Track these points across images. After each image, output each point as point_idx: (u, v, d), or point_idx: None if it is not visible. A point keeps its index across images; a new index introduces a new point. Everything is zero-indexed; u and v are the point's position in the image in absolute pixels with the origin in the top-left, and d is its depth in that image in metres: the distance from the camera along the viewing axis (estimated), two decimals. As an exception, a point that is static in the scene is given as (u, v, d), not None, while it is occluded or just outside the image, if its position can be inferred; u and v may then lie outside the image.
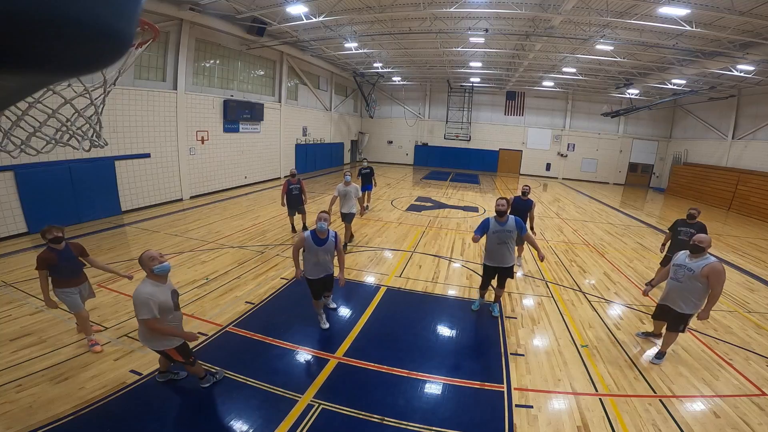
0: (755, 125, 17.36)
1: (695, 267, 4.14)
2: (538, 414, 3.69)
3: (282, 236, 8.96)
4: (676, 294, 4.33)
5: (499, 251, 5.07)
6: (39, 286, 3.96)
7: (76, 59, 0.40)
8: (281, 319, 5.21)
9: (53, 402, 3.43)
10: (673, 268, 4.42)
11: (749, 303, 6.72)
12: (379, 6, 11.43)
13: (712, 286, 4.06)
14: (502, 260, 5.13)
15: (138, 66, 10.55)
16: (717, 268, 4.02)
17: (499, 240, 5.00)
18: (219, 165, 13.94)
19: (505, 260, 5.13)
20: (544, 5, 10.35)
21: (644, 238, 11.04)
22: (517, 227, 4.98)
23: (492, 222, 5.03)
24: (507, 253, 5.08)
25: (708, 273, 4.03)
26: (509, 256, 5.12)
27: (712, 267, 4.03)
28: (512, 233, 4.98)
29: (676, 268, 4.36)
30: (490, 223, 5.02)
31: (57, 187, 8.57)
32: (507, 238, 4.99)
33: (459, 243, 9.24)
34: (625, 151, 24.81)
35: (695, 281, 4.13)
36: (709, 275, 4.03)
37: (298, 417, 3.45)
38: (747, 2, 8.83)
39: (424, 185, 19.07)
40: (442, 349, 4.78)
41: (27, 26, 0.34)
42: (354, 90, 25.18)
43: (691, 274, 4.15)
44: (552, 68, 18.06)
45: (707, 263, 4.08)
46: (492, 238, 5.05)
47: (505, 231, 4.98)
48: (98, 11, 0.38)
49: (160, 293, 3.11)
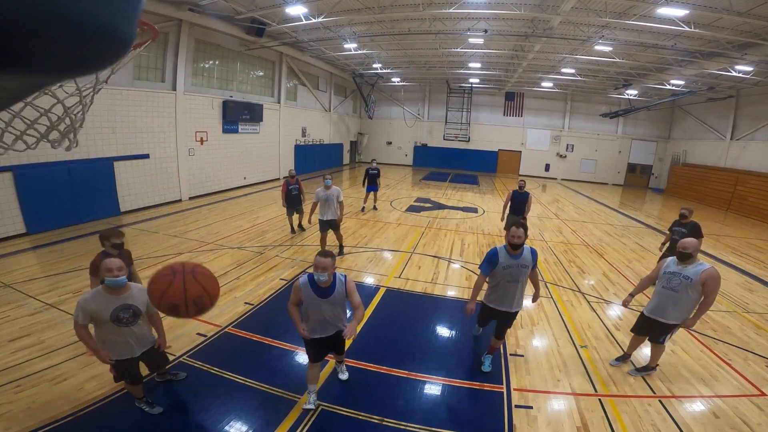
0: (754, 126, 17.40)
1: (692, 274, 3.82)
2: (538, 414, 3.69)
3: (281, 237, 8.95)
4: (670, 304, 3.98)
5: (507, 292, 3.99)
6: (38, 287, 3.94)
7: (76, 60, 0.40)
8: (280, 320, 5.21)
9: (52, 403, 3.43)
10: (665, 276, 4.03)
11: (748, 303, 6.73)
12: (379, 7, 11.44)
13: (708, 293, 3.80)
14: (509, 303, 4.03)
15: (137, 66, 10.55)
16: (714, 275, 3.78)
17: (510, 277, 3.91)
18: (218, 166, 13.93)
19: (513, 303, 4.03)
20: (543, 6, 10.37)
21: (643, 239, 11.05)
22: (533, 260, 3.93)
23: (502, 253, 3.91)
24: (516, 295, 3.99)
25: (706, 280, 3.76)
26: (518, 299, 4.02)
27: (710, 274, 3.77)
28: (527, 268, 3.91)
29: (669, 276, 3.98)
30: (500, 256, 3.90)
31: (56, 188, 8.55)
32: (519, 275, 3.91)
33: (458, 243, 9.24)
34: (624, 152, 24.85)
35: (693, 289, 3.84)
36: (706, 282, 3.77)
37: (298, 417, 3.45)
38: (745, 3, 8.86)
39: (424, 186, 19.08)
40: (442, 350, 4.77)
41: (27, 26, 0.34)
42: (353, 91, 25.19)
43: (689, 282, 3.83)
44: (551, 69, 18.09)
45: (704, 269, 3.81)
46: (500, 275, 3.94)
47: (519, 266, 3.88)
48: (98, 11, 0.38)
49: (98, 302, 3.00)
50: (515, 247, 3.82)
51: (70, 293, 5.54)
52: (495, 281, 4.01)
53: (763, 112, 16.93)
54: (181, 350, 4.34)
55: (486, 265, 3.95)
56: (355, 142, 27.78)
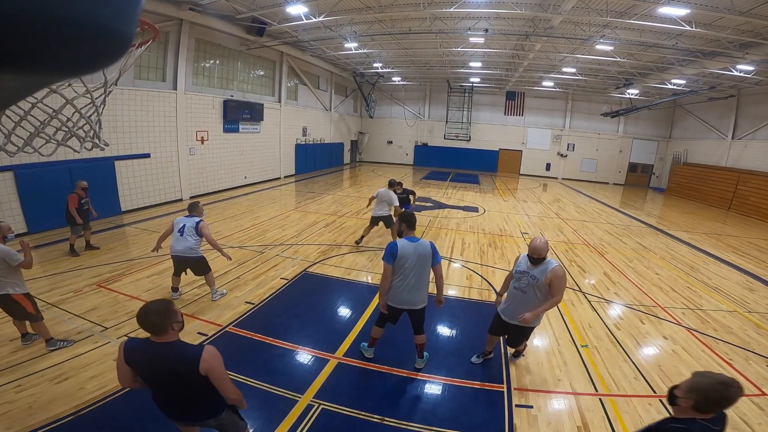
0: (755, 125, 17.37)
1: (539, 273, 3.63)
2: (538, 414, 3.69)
3: (282, 236, 8.96)
4: (519, 304, 3.78)
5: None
6: (38, 287, 3.96)
7: (76, 59, 0.40)
8: (281, 319, 5.21)
9: (53, 402, 3.43)
10: (516, 275, 3.83)
11: (749, 303, 6.72)
12: (379, 6, 11.42)
13: (554, 293, 3.60)
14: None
15: (138, 66, 10.55)
16: (560, 274, 3.57)
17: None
18: (219, 165, 13.93)
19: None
20: (543, 5, 10.35)
21: (644, 238, 11.04)
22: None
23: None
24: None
25: (551, 279, 3.56)
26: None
27: (555, 273, 3.56)
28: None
29: (519, 275, 3.78)
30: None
31: (57, 187, 8.54)
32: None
33: (459, 243, 9.24)
34: (625, 151, 24.81)
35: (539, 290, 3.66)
36: (552, 282, 3.56)
37: (298, 417, 3.45)
38: (747, 2, 8.83)
39: (424, 185, 19.07)
40: (442, 349, 4.77)
41: (27, 26, 0.33)
42: (354, 90, 25.17)
43: (535, 282, 3.65)
44: (552, 68, 18.06)
45: (550, 268, 3.59)
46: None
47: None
48: (98, 11, 0.38)
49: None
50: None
51: (70, 293, 5.55)
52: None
53: (764, 111, 16.89)
54: (181, 349, 4.34)
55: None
56: (355, 142, 27.78)
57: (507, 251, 8.84)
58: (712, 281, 7.77)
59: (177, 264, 5.36)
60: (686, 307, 6.32)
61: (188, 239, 5.17)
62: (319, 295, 6.16)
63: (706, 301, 6.65)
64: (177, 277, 5.47)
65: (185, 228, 5.20)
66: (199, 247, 5.27)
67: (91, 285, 5.87)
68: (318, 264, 7.23)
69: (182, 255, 5.21)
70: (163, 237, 5.33)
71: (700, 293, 7.03)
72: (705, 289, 7.25)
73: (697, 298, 6.75)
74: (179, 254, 5.22)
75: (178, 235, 5.19)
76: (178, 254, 5.22)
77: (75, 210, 6.98)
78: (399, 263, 3.77)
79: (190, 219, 5.28)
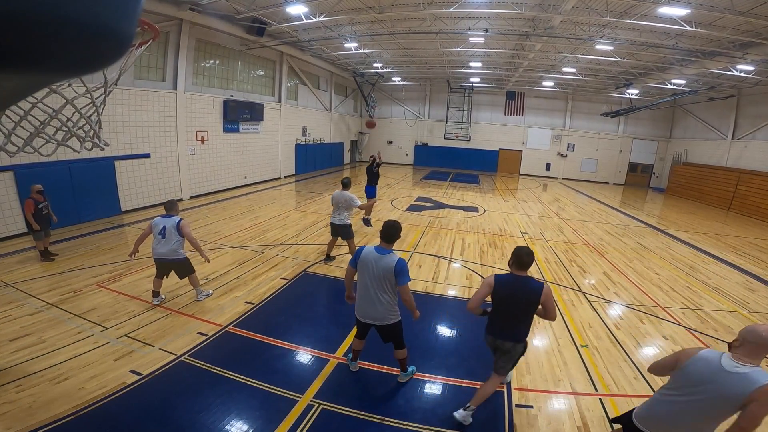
0: (755, 125, 17.37)
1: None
2: (538, 414, 3.69)
3: (282, 236, 8.96)
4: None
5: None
6: (38, 287, 3.96)
7: (76, 59, 0.40)
8: (281, 319, 5.21)
9: (53, 402, 3.43)
10: None
11: (749, 303, 6.72)
12: (379, 6, 11.43)
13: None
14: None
15: (138, 66, 10.55)
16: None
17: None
18: (219, 165, 13.93)
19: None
20: (543, 5, 10.36)
21: (644, 238, 11.04)
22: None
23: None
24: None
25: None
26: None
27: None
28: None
29: None
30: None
31: (57, 188, 8.55)
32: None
33: (459, 243, 9.24)
34: (625, 151, 24.82)
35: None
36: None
37: (298, 417, 3.45)
38: (747, 2, 8.83)
39: (424, 185, 19.07)
40: (442, 349, 4.77)
41: (27, 26, 0.33)
42: (354, 90, 25.17)
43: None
44: (552, 68, 18.07)
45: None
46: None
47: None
48: (98, 11, 0.38)
49: None
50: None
51: (70, 292, 5.55)
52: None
53: (764, 111, 16.89)
54: (181, 349, 4.34)
55: None
56: (355, 142, 27.77)
57: (507, 251, 8.84)
58: (712, 281, 7.77)
59: (160, 267, 5.19)
60: (686, 307, 6.33)
61: (171, 241, 5.02)
62: (319, 295, 6.16)
63: (706, 301, 6.65)
64: (159, 279, 5.30)
65: (166, 229, 5.00)
66: (182, 248, 5.14)
67: (91, 285, 5.87)
68: (318, 264, 7.23)
69: (166, 258, 5.06)
70: (141, 240, 5.09)
71: (700, 293, 7.03)
72: (705, 289, 7.25)
73: (697, 298, 6.75)
74: (163, 257, 5.05)
75: (160, 237, 5.00)
76: (162, 257, 5.06)
77: (31, 215, 6.43)
78: (360, 270, 3.61)
79: (170, 219, 5.07)
